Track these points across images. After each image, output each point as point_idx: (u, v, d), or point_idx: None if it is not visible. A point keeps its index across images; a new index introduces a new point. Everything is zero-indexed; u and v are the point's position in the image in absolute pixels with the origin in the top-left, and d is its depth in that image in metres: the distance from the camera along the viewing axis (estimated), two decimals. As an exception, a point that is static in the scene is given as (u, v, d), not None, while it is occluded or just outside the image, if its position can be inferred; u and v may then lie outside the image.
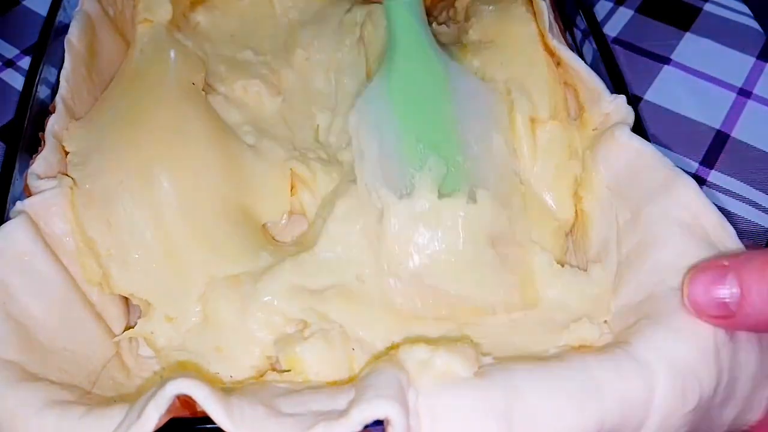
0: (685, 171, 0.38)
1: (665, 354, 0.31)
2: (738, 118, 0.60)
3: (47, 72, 0.46)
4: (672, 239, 0.35)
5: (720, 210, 0.36)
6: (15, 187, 0.40)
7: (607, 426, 0.30)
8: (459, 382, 0.30)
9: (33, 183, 0.40)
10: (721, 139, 0.59)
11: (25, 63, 0.64)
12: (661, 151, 0.39)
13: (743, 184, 0.56)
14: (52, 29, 0.48)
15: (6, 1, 0.69)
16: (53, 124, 0.43)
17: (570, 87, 0.47)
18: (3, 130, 0.60)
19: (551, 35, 0.46)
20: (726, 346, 0.32)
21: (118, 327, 0.41)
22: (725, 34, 0.67)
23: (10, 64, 0.65)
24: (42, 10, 0.68)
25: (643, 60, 0.65)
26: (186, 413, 0.30)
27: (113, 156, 0.42)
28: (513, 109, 0.44)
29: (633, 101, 0.43)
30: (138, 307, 0.41)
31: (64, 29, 0.48)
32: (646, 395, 0.30)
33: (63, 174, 0.41)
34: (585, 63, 0.45)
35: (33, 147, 0.42)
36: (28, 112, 0.43)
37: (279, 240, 0.47)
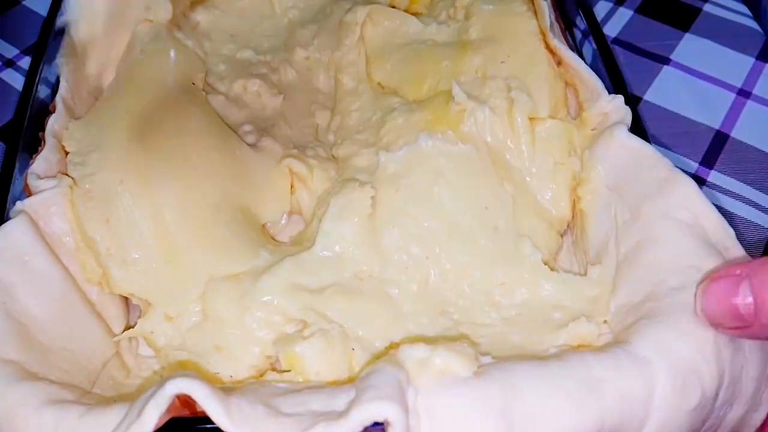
0: (685, 171, 0.38)
1: (665, 353, 0.31)
2: (737, 118, 0.60)
3: (47, 71, 0.46)
4: (671, 239, 0.35)
5: (719, 210, 0.36)
6: (15, 187, 0.40)
7: (608, 425, 0.30)
8: (458, 381, 0.30)
9: (33, 183, 0.40)
10: (721, 140, 0.59)
11: (25, 63, 0.64)
12: (661, 151, 0.39)
13: (743, 184, 0.56)
14: (52, 29, 0.48)
15: (6, 1, 0.69)
16: (53, 123, 0.43)
17: (570, 86, 0.47)
18: (3, 130, 0.60)
19: (552, 34, 0.46)
20: (727, 346, 0.32)
21: (118, 326, 0.41)
22: (725, 34, 0.67)
23: (10, 64, 0.65)
24: (42, 10, 0.68)
25: (643, 60, 0.65)
26: (186, 413, 0.30)
27: (113, 156, 0.42)
28: (512, 105, 0.44)
29: (633, 101, 0.43)
30: (138, 307, 0.41)
31: (64, 29, 0.48)
32: (646, 394, 0.30)
33: (63, 174, 0.41)
34: (585, 63, 0.45)
35: (33, 147, 0.42)
36: (28, 111, 0.43)
37: (278, 239, 0.47)
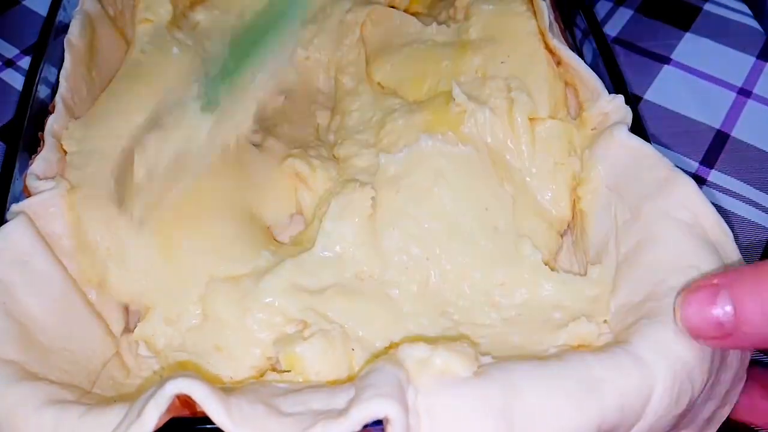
0: (685, 171, 0.38)
1: (665, 354, 0.31)
2: (738, 117, 0.60)
3: (47, 72, 0.46)
4: (671, 239, 0.35)
5: (719, 210, 0.36)
6: (15, 187, 0.40)
7: (606, 425, 0.30)
8: (458, 380, 0.29)
9: (32, 183, 0.40)
10: (721, 139, 0.59)
11: (25, 63, 0.64)
12: (661, 151, 0.39)
13: (743, 183, 0.56)
14: (52, 29, 0.48)
15: (6, 1, 0.69)
16: (53, 123, 0.43)
17: (570, 86, 0.47)
18: (3, 130, 0.60)
19: (551, 34, 0.46)
20: (718, 351, 0.32)
21: (117, 327, 0.41)
22: (725, 33, 0.67)
23: (10, 63, 0.65)
24: (42, 9, 0.68)
25: (643, 60, 0.65)
26: (186, 413, 0.30)
27: (114, 157, 0.42)
28: (512, 105, 0.44)
29: (633, 101, 0.43)
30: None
31: (64, 29, 0.48)
32: (644, 395, 0.30)
33: (61, 175, 0.41)
34: (585, 62, 0.45)
35: (33, 147, 0.42)
36: (28, 111, 0.43)
37: (279, 239, 0.46)
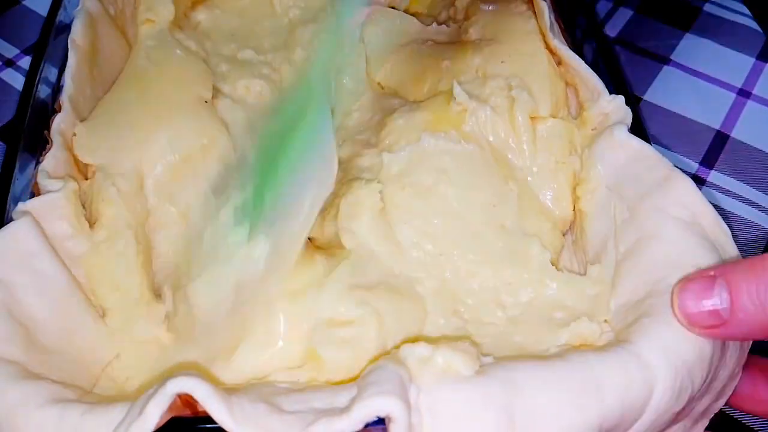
0: (685, 171, 0.38)
1: (666, 353, 0.31)
2: (738, 118, 0.60)
3: (47, 71, 0.46)
4: (670, 237, 0.35)
5: (719, 210, 0.36)
6: (15, 187, 0.40)
7: (607, 425, 0.30)
8: (460, 379, 0.29)
9: (42, 181, 0.39)
10: (721, 139, 0.59)
11: (25, 63, 0.64)
12: (661, 151, 0.39)
13: (743, 184, 0.56)
14: (52, 29, 0.48)
15: (6, 1, 0.69)
16: (59, 123, 0.42)
17: (570, 86, 0.47)
18: (3, 130, 0.60)
19: (552, 34, 0.46)
20: (718, 347, 0.32)
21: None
22: (725, 34, 0.67)
23: (10, 63, 0.65)
24: (42, 9, 0.68)
25: (643, 60, 0.65)
26: (187, 412, 0.30)
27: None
28: (513, 104, 0.44)
29: (633, 101, 0.43)
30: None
31: (64, 28, 0.48)
32: (645, 395, 0.30)
33: (70, 176, 0.41)
34: (585, 62, 0.45)
35: (33, 147, 0.42)
36: (28, 111, 0.43)
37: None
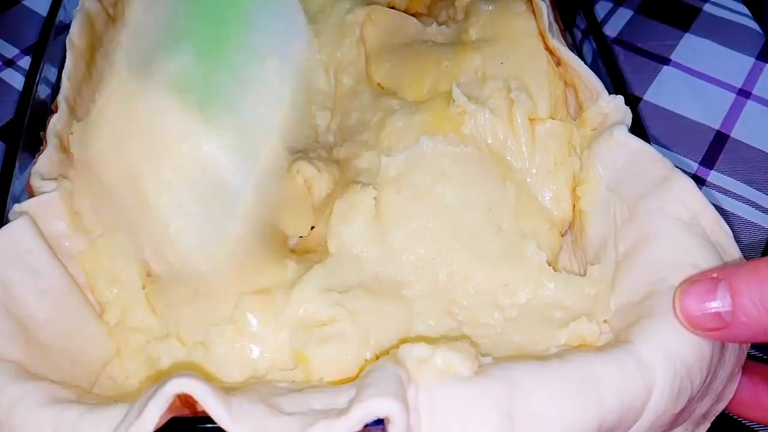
0: (685, 171, 0.38)
1: (666, 354, 0.31)
2: (737, 118, 0.60)
3: (47, 71, 0.46)
4: (671, 237, 0.35)
5: (719, 210, 0.36)
6: (15, 187, 0.40)
7: (606, 425, 0.30)
8: (459, 379, 0.29)
9: (35, 183, 0.40)
10: (721, 139, 0.59)
11: (25, 62, 0.64)
12: (661, 151, 0.39)
13: (743, 184, 0.56)
14: (52, 28, 0.48)
15: (6, 1, 0.69)
16: (55, 123, 0.42)
17: (570, 86, 0.47)
18: (3, 130, 0.60)
19: (551, 35, 0.46)
20: (717, 348, 0.32)
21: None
22: (725, 34, 0.67)
23: (10, 63, 0.65)
24: (42, 9, 0.68)
25: (643, 60, 0.65)
26: (186, 412, 0.30)
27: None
28: (512, 106, 0.44)
29: (633, 101, 0.43)
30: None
31: (64, 28, 0.48)
32: (645, 394, 0.30)
33: (63, 176, 0.41)
34: (584, 63, 0.45)
35: (33, 146, 0.42)
36: (28, 111, 0.43)
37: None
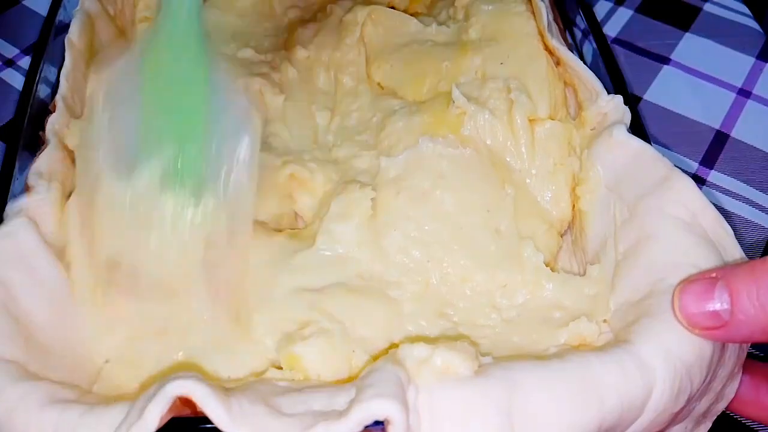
0: (685, 171, 0.38)
1: (666, 353, 0.31)
2: (738, 118, 0.60)
3: (47, 71, 0.46)
4: (671, 237, 0.35)
5: (719, 210, 0.36)
6: (15, 187, 0.40)
7: (606, 425, 0.30)
8: (459, 379, 0.29)
9: (32, 182, 0.39)
10: (721, 139, 0.59)
11: (25, 62, 0.64)
12: (661, 151, 0.39)
13: (743, 184, 0.56)
14: (52, 28, 0.48)
15: (6, 1, 0.69)
16: (54, 123, 0.42)
17: (569, 86, 0.47)
18: (3, 129, 0.60)
19: (550, 35, 0.46)
20: (718, 347, 0.32)
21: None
22: (725, 34, 0.67)
23: (10, 63, 0.65)
24: (41, 9, 0.68)
25: (643, 60, 0.65)
26: (187, 411, 0.30)
27: None
28: (512, 107, 0.44)
29: (633, 101, 0.43)
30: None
31: (64, 28, 0.48)
32: (645, 394, 0.30)
33: (57, 179, 0.41)
34: (584, 63, 0.45)
35: (33, 146, 0.42)
36: (28, 111, 0.43)
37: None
